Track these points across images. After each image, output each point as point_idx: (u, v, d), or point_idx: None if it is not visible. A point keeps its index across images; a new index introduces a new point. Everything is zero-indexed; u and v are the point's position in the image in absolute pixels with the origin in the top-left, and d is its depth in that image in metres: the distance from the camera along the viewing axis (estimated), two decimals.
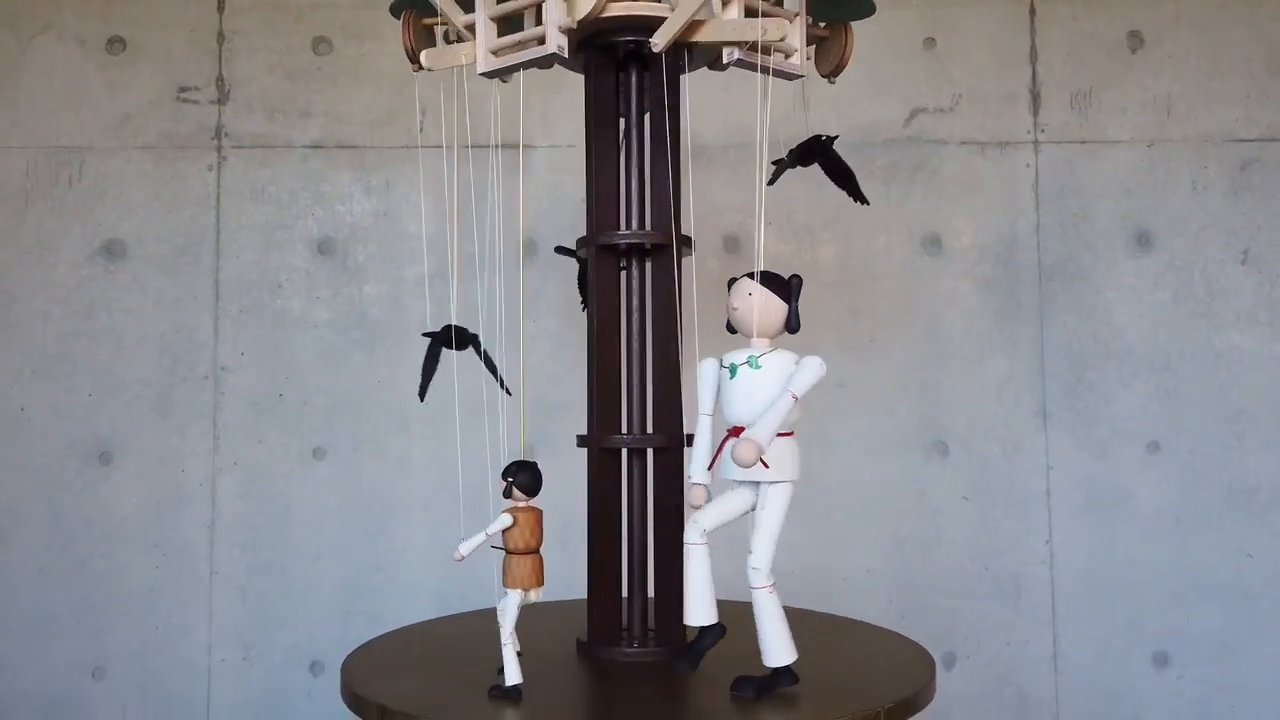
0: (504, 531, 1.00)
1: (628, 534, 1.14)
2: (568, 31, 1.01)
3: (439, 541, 1.95)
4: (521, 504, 1.01)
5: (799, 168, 1.19)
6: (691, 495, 1.00)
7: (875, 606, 1.96)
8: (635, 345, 1.16)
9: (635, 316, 1.17)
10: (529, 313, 1.93)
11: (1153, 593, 2.00)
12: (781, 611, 0.97)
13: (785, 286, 0.99)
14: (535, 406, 1.66)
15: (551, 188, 1.99)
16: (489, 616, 1.27)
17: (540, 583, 1.01)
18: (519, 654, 0.99)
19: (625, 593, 1.14)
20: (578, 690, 1.05)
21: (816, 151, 1.15)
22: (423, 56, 1.07)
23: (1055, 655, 2.00)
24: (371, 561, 1.97)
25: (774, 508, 0.97)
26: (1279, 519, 2.00)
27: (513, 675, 0.98)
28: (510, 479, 1.00)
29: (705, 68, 1.24)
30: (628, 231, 1.17)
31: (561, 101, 1.96)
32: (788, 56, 1.10)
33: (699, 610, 0.98)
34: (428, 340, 1.15)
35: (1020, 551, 2.01)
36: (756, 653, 0.98)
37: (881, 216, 2.03)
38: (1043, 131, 2.05)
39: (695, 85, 1.31)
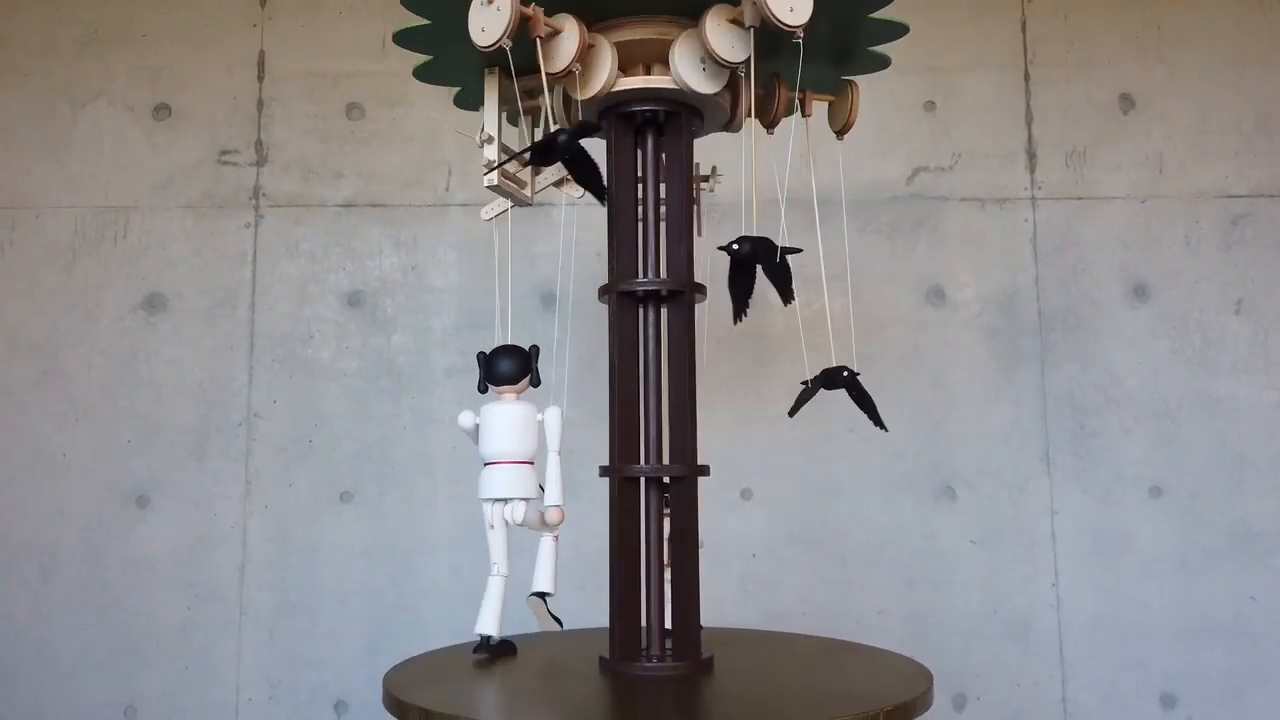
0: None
1: (646, 557, 1.20)
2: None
3: (463, 582, 2.02)
4: None
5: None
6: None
7: (886, 647, 2.00)
8: (652, 382, 1.24)
9: (652, 356, 1.25)
10: (550, 362, 2.01)
11: (1159, 635, 2.04)
12: (494, 595, 1.19)
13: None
14: None
15: (572, 243, 2.09)
16: (521, 639, 1.33)
17: None
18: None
19: (644, 612, 1.21)
20: (600, 698, 1.11)
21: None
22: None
23: (1064, 698, 2.03)
24: (397, 602, 2.04)
25: None
26: None
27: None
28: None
29: (721, 129, 1.35)
30: (645, 280, 1.26)
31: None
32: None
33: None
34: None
35: (1028, 594, 2.05)
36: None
37: (887, 269, 2.12)
38: (1040, 189, 2.14)
39: (710, 145, 1.41)
